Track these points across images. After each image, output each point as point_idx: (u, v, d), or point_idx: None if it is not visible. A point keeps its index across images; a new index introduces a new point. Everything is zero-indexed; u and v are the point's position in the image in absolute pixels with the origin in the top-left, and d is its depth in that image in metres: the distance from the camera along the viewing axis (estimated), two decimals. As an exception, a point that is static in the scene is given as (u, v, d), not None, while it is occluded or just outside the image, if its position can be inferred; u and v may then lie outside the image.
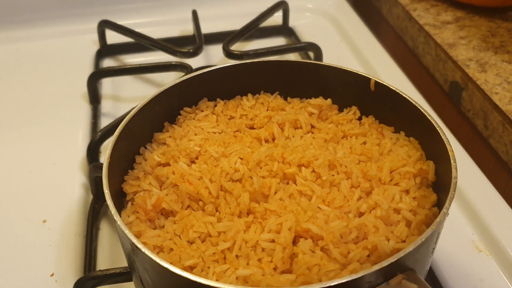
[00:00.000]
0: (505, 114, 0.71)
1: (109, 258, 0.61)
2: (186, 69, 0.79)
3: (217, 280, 0.41)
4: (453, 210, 0.63)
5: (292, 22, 0.99)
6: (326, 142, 0.54)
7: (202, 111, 0.58)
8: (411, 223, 0.45)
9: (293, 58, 0.92)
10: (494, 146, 0.74)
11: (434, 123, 0.49)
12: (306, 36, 0.98)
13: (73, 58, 0.91)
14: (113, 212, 0.42)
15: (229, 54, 0.82)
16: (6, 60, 0.92)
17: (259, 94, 0.61)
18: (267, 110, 0.59)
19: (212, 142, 0.53)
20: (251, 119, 0.58)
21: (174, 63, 0.80)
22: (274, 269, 0.42)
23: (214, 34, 0.94)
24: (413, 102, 0.52)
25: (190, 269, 0.42)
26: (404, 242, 0.44)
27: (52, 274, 0.57)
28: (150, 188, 0.49)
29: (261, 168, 0.50)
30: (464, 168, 0.45)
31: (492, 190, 0.66)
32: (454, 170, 0.44)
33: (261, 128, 0.57)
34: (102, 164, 0.63)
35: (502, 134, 0.71)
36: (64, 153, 0.72)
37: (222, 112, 0.59)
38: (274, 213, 0.46)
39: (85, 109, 0.80)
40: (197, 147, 0.52)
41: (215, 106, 0.59)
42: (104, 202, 0.66)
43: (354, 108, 0.59)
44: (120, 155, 0.50)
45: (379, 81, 0.55)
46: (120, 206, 0.49)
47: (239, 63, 0.60)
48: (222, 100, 0.60)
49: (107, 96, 0.84)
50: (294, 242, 0.44)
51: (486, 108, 0.75)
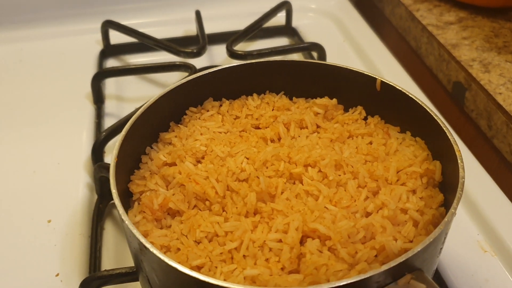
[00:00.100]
0: (509, 114, 0.71)
1: (113, 258, 0.61)
2: (190, 69, 0.79)
3: (224, 280, 0.41)
4: (458, 210, 0.63)
5: (295, 22, 0.99)
6: (332, 142, 0.54)
7: (208, 111, 0.58)
8: (419, 223, 0.45)
9: (296, 58, 0.92)
10: (498, 147, 0.74)
11: (440, 123, 0.49)
12: (309, 36, 0.98)
13: (76, 58, 0.91)
14: (121, 211, 0.42)
15: (232, 54, 0.82)
16: (10, 60, 0.92)
17: (264, 94, 0.61)
18: (273, 110, 0.59)
19: (218, 142, 0.53)
20: (257, 119, 0.58)
21: (178, 63, 0.80)
22: (282, 269, 0.42)
23: (217, 34, 0.94)
24: (419, 102, 0.52)
25: (197, 268, 0.42)
26: (411, 242, 0.44)
27: (57, 274, 0.57)
28: (156, 188, 0.49)
29: (267, 168, 0.50)
30: (469, 168, 0.45)
31: (497, 190, 0.66)
32: (461, 170, 0.44)
33: (266, 128, 0.57)
34: (107, 164, 0.63)
35: (506, 134, 0.71)
36: (68, 153, 0.72)
37: (227, 112, 0.59)
38: (281, 213, 0.46)
39: (89, 109, 0.80)
40: (203, 147, 0.53)
41: (221, 106, 0.59)
42: (108, 202, 0.66)
43: (359, 108, 0.59)
44: (126, 155, 0.50)
45: (385, 81, 0.55)
46: (126, 206, 0.49)
47: (244, 63, 0.60)
48: (228, 100, 0.60)
49: (111, 96, 0.84)
50: (301, 242, 0.44)
51: (489, 108, 0.75)
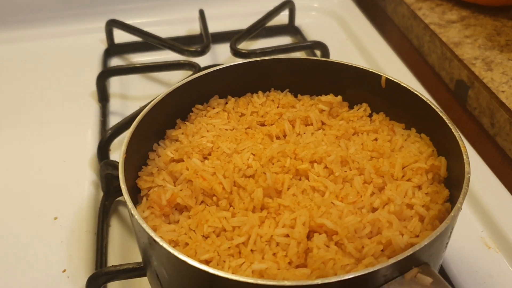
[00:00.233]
0: (511, 112, 0.71)
1: (119, 254, 0.61)
2: (194, 67, 0.79)
3: (232, 273, 0.41)
4: (462, 207, 0.64)
5: (298, 21, 1.00)
6: (337, 138, 0.55)
7: (214, 108, 0.59)
8: (424, 218, 0.45)
9: (300, 56, 0.93)
10: (500, 144, 0.74)
11: (446, 119, 0.50)
12: (312, 35, 0.98)
13: (81, 57, 0.92)
14: (130, 206, 0.42)
15: (236, 53, 0.83)
16: (15, 59, 0.92)
17: (269, 92, 0.61)
18: (278, 107, 0.59)
19: (224, 139, 0.54)
20: (262, 116, 0.58)
21: (182, 62, 0.81)
22: (289, 263, 0.42)
23: (221, 33, 0.94)
24: (424, 99, 0.52)
25: (205, 263, 0.42)
26: (417, 237, 0.44)
27: (64, 270, 0.58)
28: (164, 183, 0.49)
29: (273, 164, 0.51)
30: (472, 165, 0.46)
31: (500, 187, 0.66)
32: (467, 165, 0.45)
33: (272, 125, 0.57)
34: (113, 161, 0.64)
35: (509, 132, 0.72)
36: (73, 151, 0.73)
37: (233, 109, 0.59)
38: (288, 208, 0.46)
39: (93, 107, 0.81)
40: (209, 144, 0.53)
41: (226, 103, 0.60)
42: (114, 199, 0.66)
43: (364, 105, 0.59)
44: (133, 152, 0.50)
45: (390, 78, 0.55)
46: (134, 201, 0.49)
47: (249, 61, 0.60)
48: (233, 97, 0.61)
49: (115, 94, 0.84)
50: (308, 237, 0.44)
51: (492, 106, 0.75)
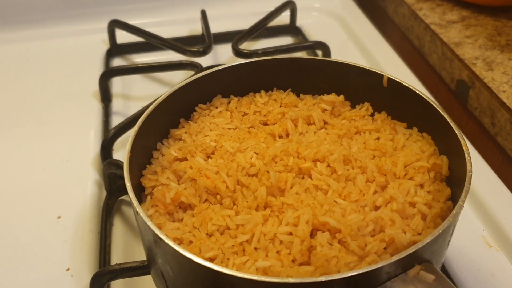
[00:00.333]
0: (512, 111, 0.72)
1: (122, 253, 0.61)
2: (196, 67, 0.80)
3: (237, 271, 0.42)
4: (464, 205, 0.64)
5: (299, 22, 1.00)
6: (340, 137, 0.55)
7: (217, 108, 0.59)
8: (427, 216, 0.46)
9: (301, 56, 0.93)
10: (501, 144, 0.75)
11: (447, 118, 0.50)
12: (313, 35, 0.98)
13: (83, 57, 0.92)
14: (135, 204, 0.43)
15: (238, 53, 0.83)
16: (17, 59, 0.92)
17: (272, 91, 0.62)
18: (280, 106, 0.60)
19: (227, 138, 0.54)
20: (265, 116, 0.59)
21: (184, 62, 0.81)
22: (293, 261, 0.43)
23: (222, 33, 0.94)
24: (426, 98, 0.53)
25: (210, 260, 0.43)
26: (420, 234, 0.44)
27: (68, 269, 0.58)
28: (168, 182, 0.50)
29: (276, 163, 0.51)
30: (473, 164, 0.46)
31: (502, 186, 0.66)
32: (468, 164, 0.45)
33: (274, 124, 0.58)
34: (116, 161, 0.64)
35: (510, 131, 0.72)
36: (76, 150, 0.73)
37: (236, 108, 0.59)
38: (291, 206, 0.46)
39: (96, 107, 0.81)
40: (213, 143, 0.53)
41: (229, 102, 0.60)
42: (117, 198, 0.67)
43: (366, 104, 0.59)
44: (137, 151, 0.50)
45: (392, 77, 0.56)
46: (138, 200, 0.50)
47: (252, 61, 0.60)
48: (236, 97, 0.61)
49: (118, 94, 0.84)
50: (312, 235, 0.45)
51: (493, 106, 0.75)
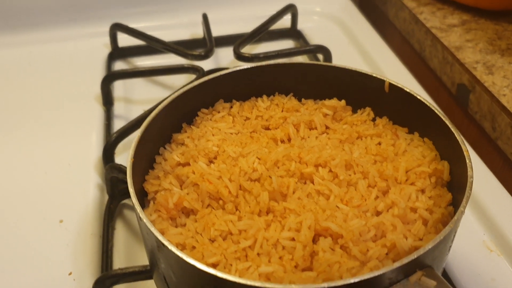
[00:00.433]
0: (513, 115, 0.72)
1: (124, 257, 0.62)
2: (198, 71, 0.80)
3: (239, 277, 0.42)
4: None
5: (300, 25, 1.00)
6: (341, 142, 0.55)
7: (219, 112, 0.59)
8: (428, 222, 0.46)
9: (302, 60, 0.93)
10: (502, 148, 0.75)
11: (448, 124, 0.50)
12: (314, 39, 0.99)
13: (85, 61, 0.92)
14: (138, 210, 0.43)
15: (239, 57, 0.83)
16: (19, 63, 0.93)
17: (274, 96, 0.62)
18: (282, 111, 0.60)
19: (229, 143, 0.54)
20: (267, 120, 0.59)
21: (186, 66, 0.81)
22: (295, 266, 0.43)
23: (224, 37, 0.95)
24: (427, 104, 0.53)
25: (212, 266, 0.43)
26: (421, 240, 0.45)
27: (70, 273, 0.58)
28: (170, 187, 0.50)
29: (278, 168, 0.51)
30: (474, 169, 0.46)
31: (502, 190, 0.67)
32: (470, 170, 0.45)
33: (276, 129, 0.58)
34: (118, 165, 0.64)
35: (510, 136, 0.72)
36: (78, 154, 0.73)
37: (238, 113, 0.60)
38: (293, 212, 0.47)
39: (98, 111, 0.81)
40: (215, 147, 0.54)
41: (231, 107, 0.61)
42: (119, 202, 0.67)
43: (368, 109, 0.60)
44: (140, 156, 0.51)
45: (394, 82, 0.56)
46: (141, 205, 0.50)
47: (254, 66, 0.61)
48: (238, 101, 0.61)
49: (119, 98, 0.85)
50: (314, 241, 0.45)
51: (493, 110, 0.76)
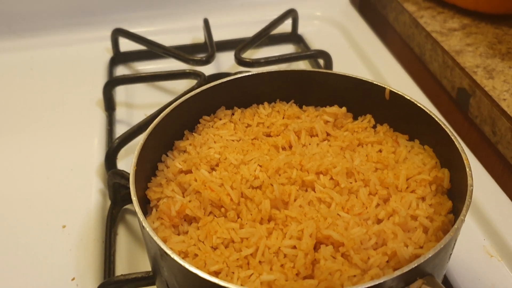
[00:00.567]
0: (513, 120, 0.73)
1: (127, 262, 0.62)
2: (200, 77, 0.80)
3: (242, 285, 0.43)
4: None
5: (301, 30, 1.01)
6: (342, 150, 0.56)
7: (220, 119, 0.60)
8: (428, 230, 0.46)
9: (303, 65, 0.94)
10: (502, 152, 0.75)
11: (449, 132, 0.51)
12: (315, 43, 0.99)
13: (87, 66, 0.93)
14: (141, 219, 0.43)
15: (240, 62, 0.84)
16: (21, 67, 0.93)
17: (275, 103, 0.63)
18: (283, 118, 0.60)
19: (231, 150, 0.55)
20: (268, 127, 0.59)
21: (187, 71, 0.82)
22: (297, 274, 0.43)
23: (225, 41, 0.95)
24: (427, 111, 0.53)
25: (215, 274, 0.43)
26: (421, 248, 0.45)
27: (73, 278, 0.59)
28: (173, 195, 0.50)
29: (280, 175, 0.51)
30: (474, 174, 0.47)
31: (502, 195, 0.67)
32: (469, 178, 0.46)
33: (278, 136, 0.58)
34: (120, 170, 0.65)
35: (510, 140, 0.73)
36: (81, 159, 0.74)
37: (239, 120, 0.60)
38: (295, 219, 0.47)
39: (100, 115, 0.82)
40: (217, 155, 0.54)
41: (233, 114, 0.61)
42: (121, 207, 0.67)
43: (368, 116, 0.60)
44: (143, 163, 0.51)
45: (394, 90, 0.56)
46: (143, 212, 0.50)
47: (255, 73, 0.61)
48: (239, 108, 0.62)
49: (121, 103, 0.85)
50: (315, 249, 0.45)
51: (494, 114, 0.76)
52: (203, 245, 0.46)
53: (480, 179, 0.69)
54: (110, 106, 0.82)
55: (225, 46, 0.94)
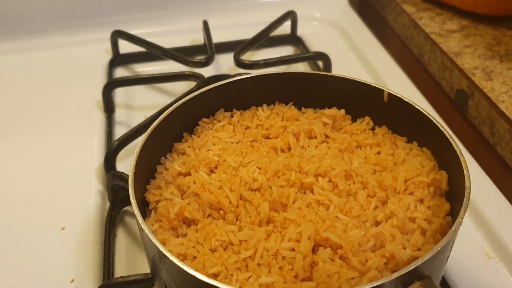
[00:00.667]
0: (511, 121, 0.73)
1: (126, 264, 0.62)
2: (199, 79, 0.80)
3: (240, 287, 0.43)
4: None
5: (300, 31, 1.01)
6: (341, 152, 0.56)
7: (219, 122, 0.60)
8: (426, 232, 0.47)
9: (302, 67, 0.94)
10: (500, 154, 0.75)
11: (447, 134, 0.51)
12: (314, 45, 0.99)
13: (86, 67, 0.93)
14: (140, 221, 0.43)
15: (240, 64, 0.84)
16: (21, 69, 0.93)
17: (274, 105, 0.63)
18: (282, 120, 0.61)
19: (230, 152, 0.55)
20: (267, 129, 0.59)
21: (187, 73, 0.82)
22: (295, 277, 0.43)
23: (224, 43, 0.95)
24: (426, 114, 0.53)
25: (213, 276, 0.44)
26: (419, 250, 0.45)
27: (72, 280, 0.59)
28: (172, 197, 0.50)
29: (278, 177, 0.52)
30: (472, 175, 0.47)
31: (501, 197, 0.67)
32: (467, 180, 0.46)
33: (276, 138, 0.58)
34: (119, 172, 0.65)
35: (509, 141, 0.73)
36: (80, 161, 0.74)
37: (238, 122, 0.60)
38: (294, 222, 0.47)
39: (99, 117, 0.82)
40: (216, 157, 0.54)
41: (232, 116, 0.61)
42: (120, 209, 0.67)
43: (367, 118, 0.60)
44: (142, 165, 0.51)
45: (393, 92, 0.56)
46: (142, 214, 0.51)
47: (254, 76, 0.61)
48: (238, 110, 0.62)
49: (120, 104, 0.85)
50: (314, 251, 0.45)
51: (492, 116, 0.76)
52: (202, 247, 0.46)
53: (478, 181, 0.69)
54: (109, 107, 0.82)
55: (224, 48, 0.95)
